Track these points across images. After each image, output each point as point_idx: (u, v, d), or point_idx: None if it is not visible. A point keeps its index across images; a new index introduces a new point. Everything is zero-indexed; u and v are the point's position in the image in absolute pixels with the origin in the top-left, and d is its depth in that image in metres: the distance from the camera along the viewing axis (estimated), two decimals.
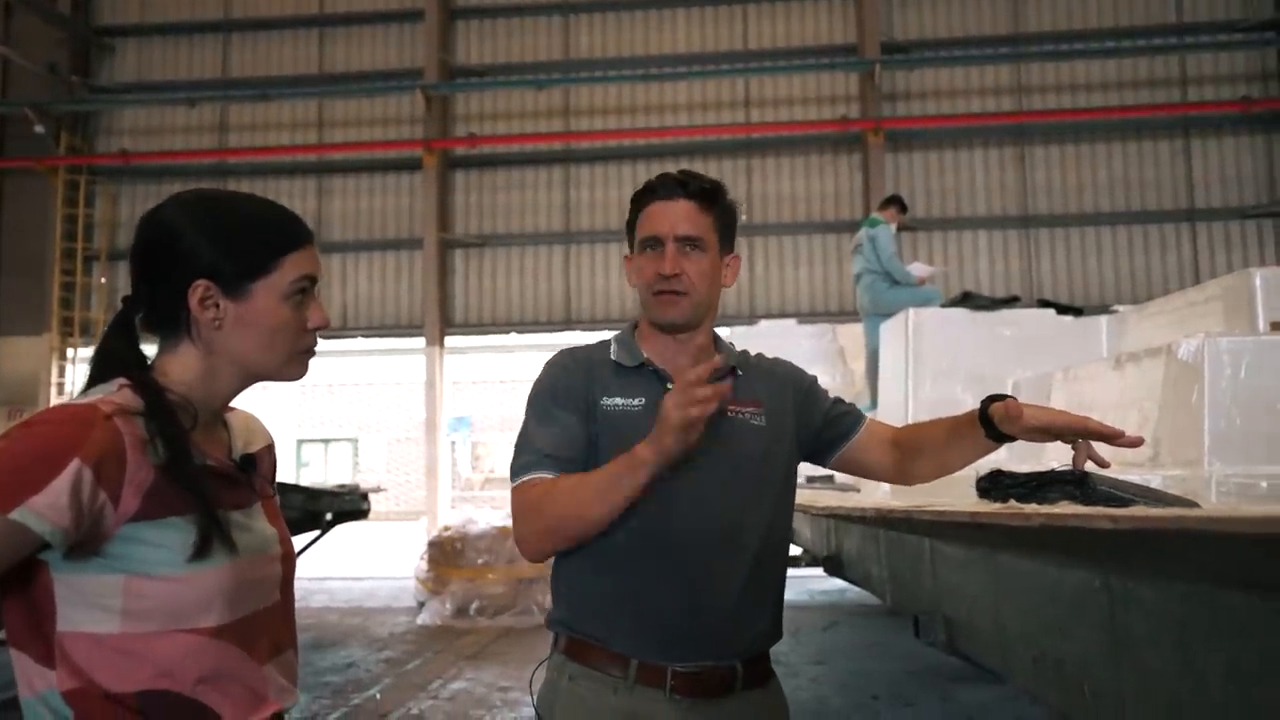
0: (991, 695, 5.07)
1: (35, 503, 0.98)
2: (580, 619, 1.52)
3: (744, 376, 1.63)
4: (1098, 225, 11.51)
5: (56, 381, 12.28)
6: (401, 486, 20.40)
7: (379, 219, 12.53)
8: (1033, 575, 1.92)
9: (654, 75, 11.99)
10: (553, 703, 1.53)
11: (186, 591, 1.09)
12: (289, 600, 1.28)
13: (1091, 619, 1.63)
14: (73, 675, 1.05)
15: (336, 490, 6.03)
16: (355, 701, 5.36)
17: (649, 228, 1.56)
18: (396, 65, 12.57)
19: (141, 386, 1.11)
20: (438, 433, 12.06)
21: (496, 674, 5.93)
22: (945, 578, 2.48)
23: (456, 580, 7.96)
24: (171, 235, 1.15)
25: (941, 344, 5.45)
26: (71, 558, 1.04)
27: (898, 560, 2.97)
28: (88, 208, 12.56)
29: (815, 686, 5.49)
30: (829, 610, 8.13)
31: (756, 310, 11.69)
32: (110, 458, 1.03)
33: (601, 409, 1.54)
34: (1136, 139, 11.52)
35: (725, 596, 1.49)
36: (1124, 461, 3.89)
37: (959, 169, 11.79)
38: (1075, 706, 1.73)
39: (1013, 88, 11.82)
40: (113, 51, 13.07)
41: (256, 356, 1.18)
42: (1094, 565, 1.57)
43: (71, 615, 1.05)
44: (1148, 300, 9.09)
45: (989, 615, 2.18)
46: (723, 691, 1.49)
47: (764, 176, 12.07)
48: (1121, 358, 4.25)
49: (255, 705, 1.16)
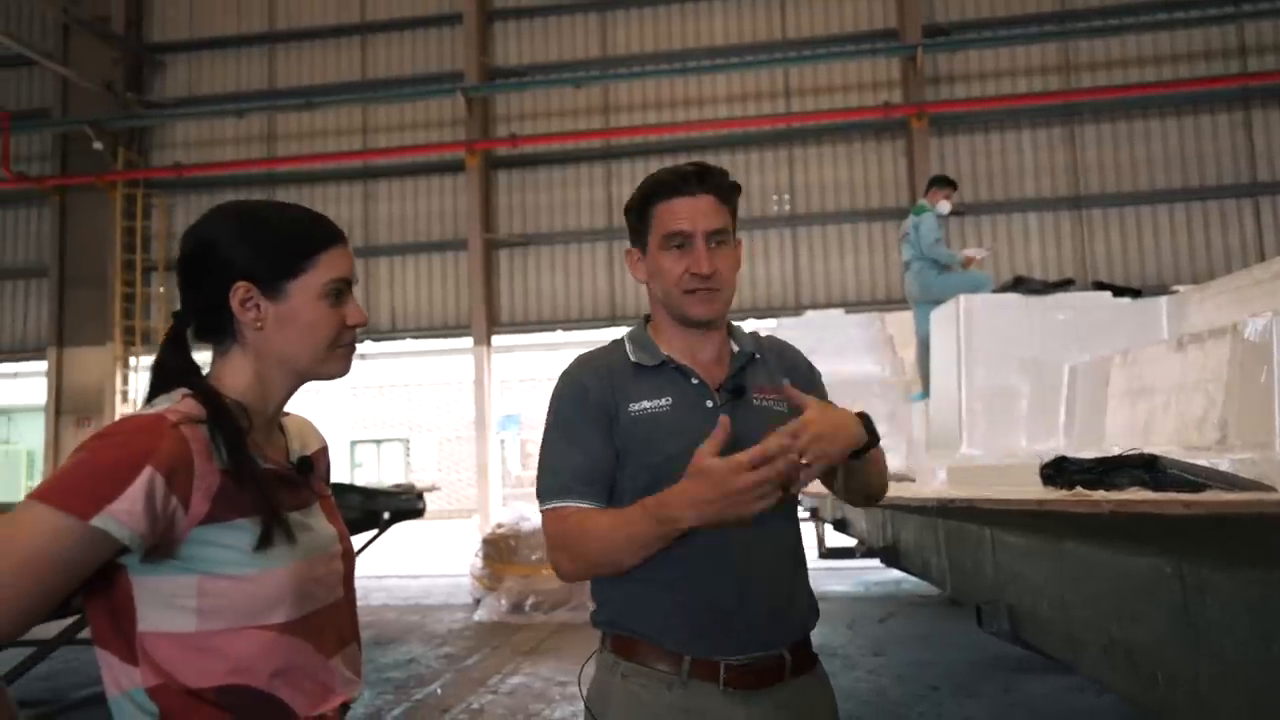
0: (1055, 685, 4.98)
1: (114, 510, 1.02)
2: (629, 618, 1.52)
3: (762, 360, 1.62)
4: (1154, 204, 11.20)
5: (121, 390, 12.64)
6: (452, 485, 20.64)
7: (424, 221, 12.69)
8: (1100, 562, 1.87)
9: (692, 68, 11.94)
10: (606, 701, 1.53)
11: (256, 590, 1.12)
12: (350, 595, 1.31)
13: (1163, 606, 1.59)
14: (154, 672, 1.09)
15: (393, 490, 6.12)
16: (417, 697, 5.44)
17: (672, 224, 1.52)
18: (437, 69, 12.70)
19: (201, 395, 1.15)
20: (488, 431, 12.18)
21: (554, 669, 5.97)
22: (1008, 566, 2.44)
23: (511, 577, 8.04)
24: (209, 244, 1.20)
25: (994, 330, 5.35)
26: (148, 561, 1.08)
27: (958, 550, 2.93)
28: (145, 220, 12.92)
29: (874, 678, 5.44)
30: (885, 601, 8.05)
31: (802, 300, 11.60)
32: (180, 464, 1.07)
33: (629, 416, 1.51)
34: (1193, 113, 11.18)
35: (769, 586, 1.49)
36: (1189, 444, 3.80)
37: (1006, 151, 11.56)
38: (1147, 694, 1.69)
39: (1060, 66, 11.55)
40: (164, 67, 13.41)
41: (298, 354, 1.22)
42: (1165, 551, 1.53)
43: (150, 615, 1.09)
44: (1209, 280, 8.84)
45: (1054, 603, 2.13)
46: (774, 680, 1.49)
47: (806, 166, 11.96)
48: (1184, 339, 4.13)
49: (324, 697, 1.19)
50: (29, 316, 13.25)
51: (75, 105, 13.03)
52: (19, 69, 13.35)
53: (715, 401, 1.53)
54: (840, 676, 5.41)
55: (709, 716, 1.46)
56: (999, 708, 4.78)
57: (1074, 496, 1.34)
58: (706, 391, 1.54)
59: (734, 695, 1.46)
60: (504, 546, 8.26)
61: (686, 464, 1.41)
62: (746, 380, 1.57)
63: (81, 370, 12.79)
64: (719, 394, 1.54)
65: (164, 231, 13.08)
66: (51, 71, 12.68)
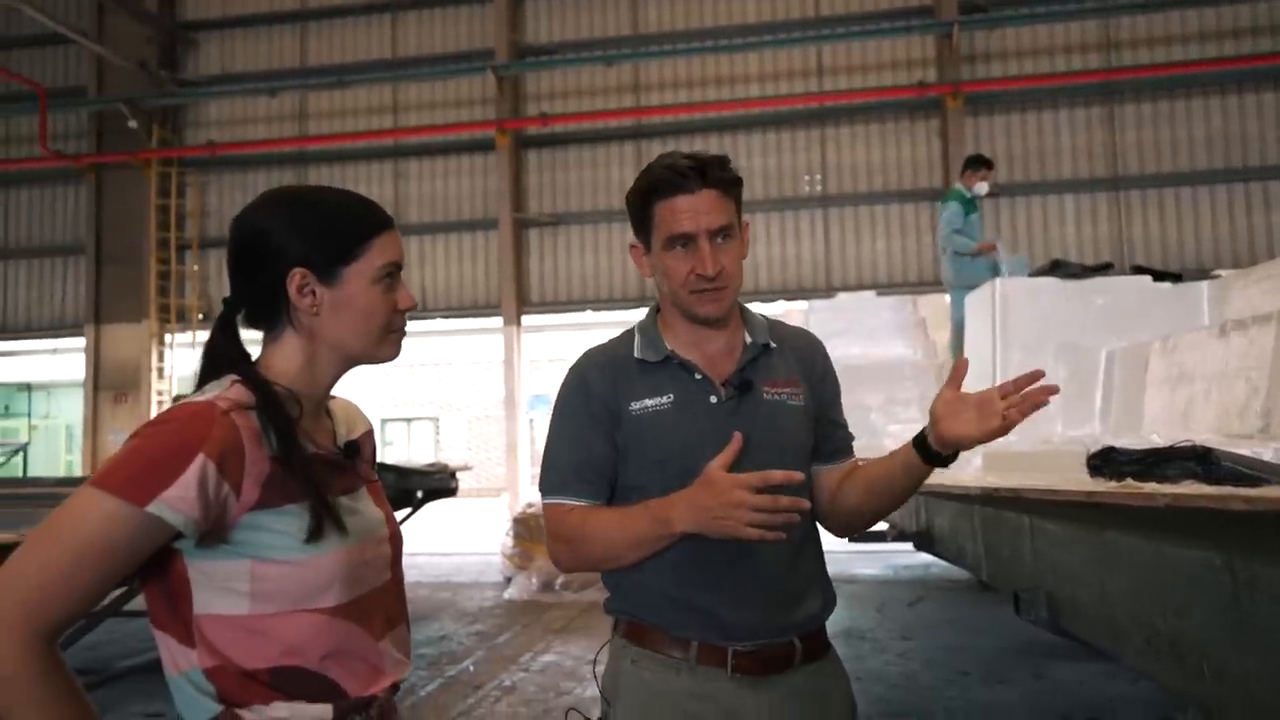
0: (1087, 671, 4.95)
1: (168, 496, 1.04)
2: (638, 605, 1.53)
3: (777, 349, 1.60)
4: (1194, 185, 10.96)
5: (157, 366, 12.84)
6: (482, 463, 20.79)
7: (454, 201, 12.71)
8: (1145, 553, 1.85)
9: (724, 47, 11.82)
10: (617, 685, 1.55)
11: (307, 574, 1.14)
12: (399, 578, 1.33)
13: (1212, 600, 1.57)
14: (211, 654, 1.11)
15: (427, 470, 6.18)
16: (450, 673, 5.52)
17: (675, 225, 1.49)
18: (467, 47, 12.68)
19: (251, 382, 1.16)
20: (517, 410, 12.25)
21: (584, 648, 6.03)
22: (1047, 554, 2.42)
23: (541, 556, 8.09)
24: (262, 232, 1.20)
25: (1031, 315, 5.28)
26: (202, 545, 1.10)
27: (995, 537, 2.91)
28: (179, 198, 13.05)
29: (904, 662, 5.43)
30: (914, 585, 8.03)
31: (833, 282, 11.52)
32: (231, 451, 1.09)
33: (630, 415, 1.52)
34: (1237, 91, 10.91)
35: (779, 579, 1.49)
36: (1230, 432, 3.73)
37: (1043, 131, 11.35)
38: (1193, 686, 1.67)
39: (1100, 43, 11.30)
40: (197, 45, 13.50)
41: (353, 339, 1.24)
42: (1216, 545, 1.51)
43: (205, 598, 1.11)
44: (1251, 264, 8.64)
45: (1096, 593, 2.11)
46: (783, 667, 1.50)
47: (839, 146, 11.84)
48: (1227, 325, 4.06)
49: (374, 678, 1.21)
50: (67, 294, 13.47)
51: (110, 83, 13.16)
52: (55, 47, 13.50)
53: (719, 397, 1.52)
54: (869, 660, 5.42)
55: (718, 701, 1.47)
56: (1030, 694, 4.76)
57: (1126, 489, 1.33)
58: (710, 387, 1.53)
59: (743, 681, 1.47)
60: (534, 526, 8.32)
61: (686, 462, 1.45)
62: (756, 374, 1.55)
63: (118, 347, 13.00)
64: (725, 389, 1.53)
65: (198, 209, 13.22)
66: (87, 50, 12.81)
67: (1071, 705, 4.52)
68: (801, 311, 10.25)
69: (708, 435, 1.47)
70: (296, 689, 1.13)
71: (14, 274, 13.72)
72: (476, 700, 4.93)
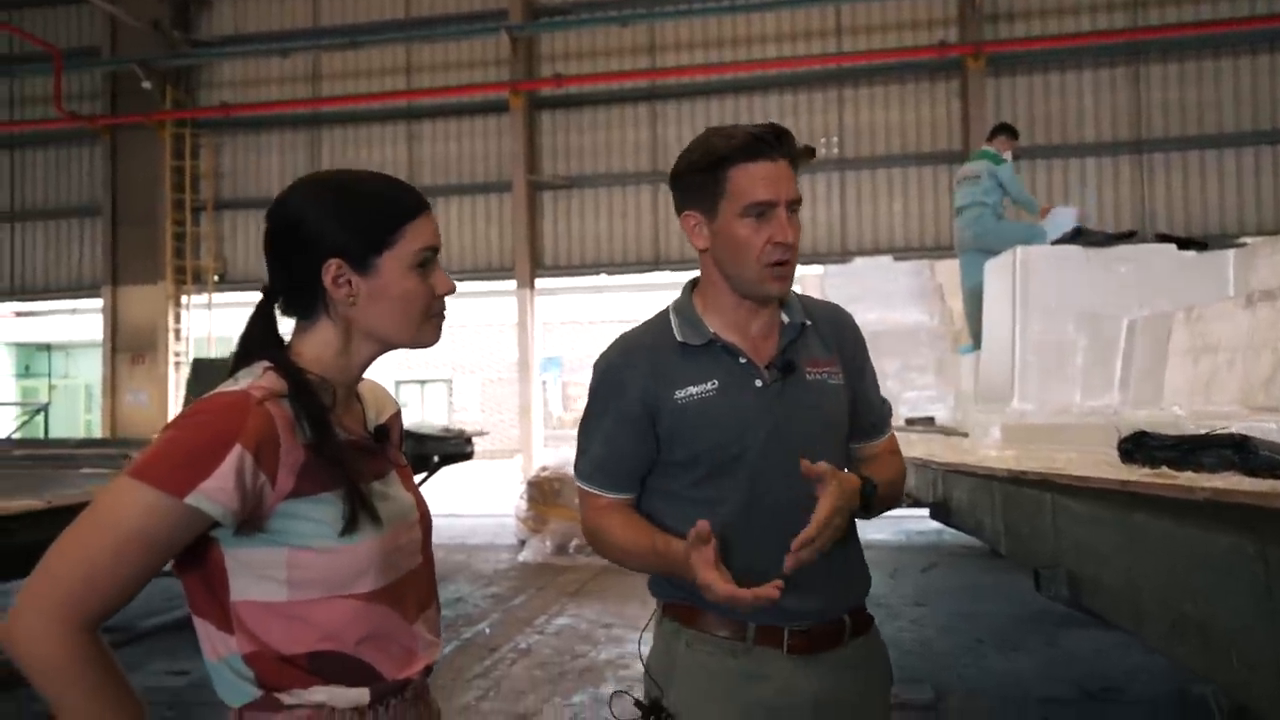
0: (1101, 641, 4.97)
1: (206, 487, 1.04)
2: (692, 589, 1.50)
3: (812, 326, 1.58)
4: (1220, 147, 10.74)
5: (174, 328, 12.90)
6: (495, 425, 20.88)
7: (467, 163, 12.63)
8: (1173, 536, 1.83)
9: (741, 6, 11.59)
10: (672, 669, 1.54)
11: (342, 561, 1.14)
12: (429, 560, 1.33)
13: (1243, 587, 1.55)
14: (249, 640, 1.12)
15: (443, 434, 6.20)
16: (466, 635, 5.59)
17: (758, 192, 1.43)
18: (481, 7, 12.49)
19: (283, 369, 1.16)
20: (530, 373, 12.27)
21: (598, 610, 6.09)
22: (1069, 532, 2.40)
23: (555, 519, 8.16)
24: (297, 221, 1.19)
25: (1052, 283, 5.22)
26: (239, 534, 1.10)
27: (1015, 513, 2.89)
28: (193, 159, 13.01)
29: (917, 629, 5.47)
30: (927, 551, 8.06)
31: (849, 247, 11.42)
32: (267, 441, 1.09)
33: (675, 404, 1.49)
34: (1270, 51, 10.63)
35: (832, 562, 1.49)
36: (1254, 404, 3.69)
37: (1066, 92, 11.14)
38: (1220, 672, 1.66)
39: (1127, 2, 11.04)
40: (210, 6, 13.36)
41: (392, 327, 1.23)
42: (1249, 534, 1.49)
43: (242, 585, 1.12)
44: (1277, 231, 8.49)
45: (1120, 574, 2.10)
46: (834, 643, 1.53)
47: (856, 107, 11.66)
48: (1254, 296, 4.00)
49: (409, 661, 1.22)
50: (84, 255, 13.50)
51: (123, 44, 13.05)
52: (68, 7, 13.40)
53: (764, 380, 1.51)
54: (884, 625, 5.40)
55: (775, 680, 1.49)
56: (1044, 662, 4.79)
57: (1162, 479, 1.31)
58: (755, 370, 1.51)
59: (798, 659, 1.50)
60: (548, 489, 8.38)
61: (735, 450, 1.47)
62: (797, 354, 1.53)
63: (135, 308, 13.06)
64: (769, 372, 1.51)
65: (212, 170, 13.18)
66: (100, 10, 12.68)
67: (1086, 674, 4.55)
68: (816, 277, 10.18)
69: (754, 420, 1.48)
70: (334, 673, 1.14)
71: (31, 235, 13.76)
72: (493, 662, 5.00)
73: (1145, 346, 4.78)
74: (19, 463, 6.03)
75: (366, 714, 1.16)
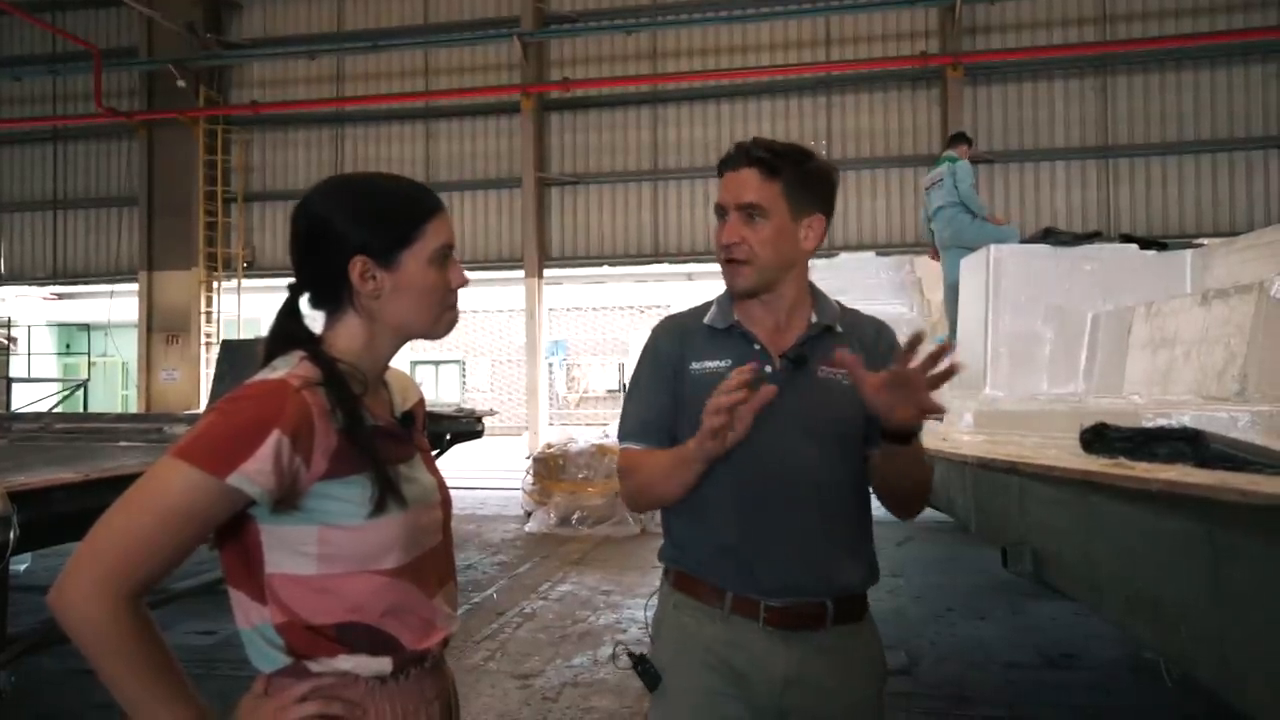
0: (1061, 610, 5.01)
1: (246, 469, 1.05)
2: (684, 556, 1.57)
3: (843, 333, 1.57)
4: (1181, 154, 10.72)
5: (205, 311, 12.89)
6: (504, 405, 20.92)
7: (481, 160, 12.59)
8: (1128, 517, 1.86)
9: (737, 17, 11.55)
10: (660, 627, 1.60)
11: (369, 539, 1.15)
12: (449, 539, 1.34)
13: (1192, 566, 1.57)
14: (281, 610, 1.13)
15: (455, 414, 6.21)
16: (475, 600, 5.62)
17: (718, 198, 1.54)
18: (495, 14, 12.43)
19: (318, 359, 1.16)
20: (538, 356, 12.28)
21: (599, 578, 6.12)
22: (1034, 513, 2.43)
23: (559, 493, 8.19)
24: (324, 221, 1.19)
25: (1023, 279, 5.22)
26: (275, 512, 1.11)
27: (985, 493, 2.92)
28: (225, 154, 12.96)
29: (893, 598, 5.51)
30: (902, 526, 8.09)
31: (835, 243, 11.38)
32: (303, 427, 1.09)
33: (691, 373, 1.55)
34: (1227, 65, 10.60)
35: (810, 543, 1.49)
36: (1208, 394, 3.71)
37: (1039, 101, 11.10)
38: (1170, 645, 1.68)
39: (1096, 17, 10.98)
40: (241, 10, 13.27)
41: (413, 319, 1.24)
42: (1198, 519, 1.51)
43: (277, 559, 1.13)
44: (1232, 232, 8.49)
45: (1079, 552, 2.12)
46: (814, 625, 1.49)
47: (844, 113, 11.62)
48: (1208, 294, 4.01)
49: (428, 633, 1.23)
50: (122, 242, 13.47)
51: (159, 45, 12.97)
52: (107, 9, 13.30)
53: (774, 367, 1.52)
54: None
55: (751, 650, 1.49)
56: (1009, 630, 4.83)
57: (1119, 469, 1.32)
58: (767, 357, 1.52)
59: (774, 634, 1.49)
60: (553, 465, 8.40)
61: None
62: (814, 352, 1.53)
63: (169, 292, 13.04)
64: (780, 361, 1.53)
65: (242, 165, 13.13)
66: (137, 12, 12.61)
67: (1047, 641, 4.58)
68: None
69: None
70: (359, 643, 1.15)
71: (73, 223, 13.74)
72: (499, 625, 5.03)
73: (1108, 339, 4.79)
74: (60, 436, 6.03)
75: (388, 682, 1.17)
